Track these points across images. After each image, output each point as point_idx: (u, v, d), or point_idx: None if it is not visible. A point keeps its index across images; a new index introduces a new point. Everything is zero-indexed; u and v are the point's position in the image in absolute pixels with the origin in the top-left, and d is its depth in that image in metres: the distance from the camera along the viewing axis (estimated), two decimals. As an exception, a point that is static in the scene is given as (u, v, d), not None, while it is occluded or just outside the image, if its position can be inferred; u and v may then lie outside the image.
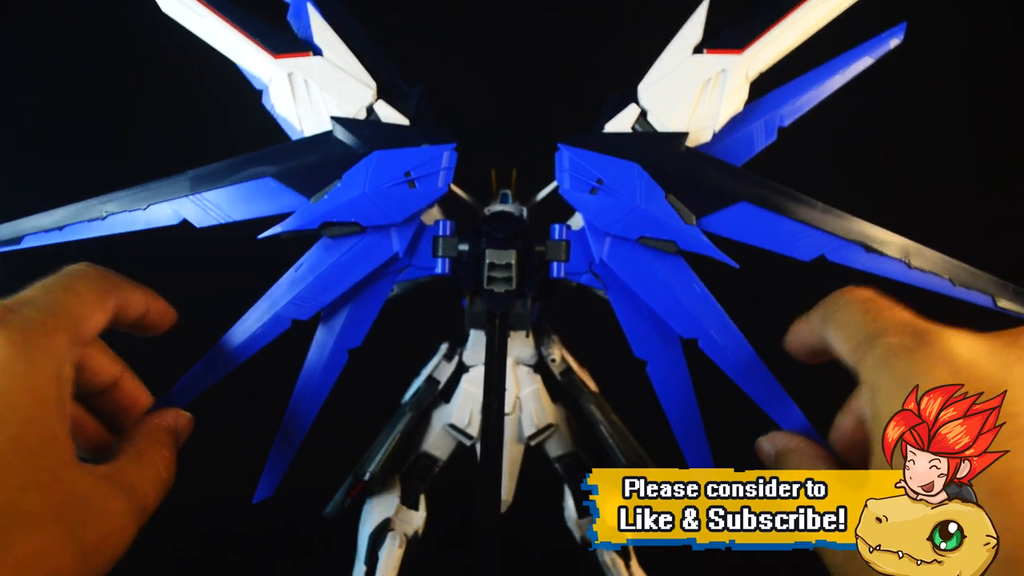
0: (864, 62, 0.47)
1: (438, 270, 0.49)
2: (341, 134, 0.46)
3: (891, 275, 0.44)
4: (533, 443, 0.54)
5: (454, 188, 0.51)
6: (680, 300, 0.46)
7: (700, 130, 0.46)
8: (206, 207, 0.45)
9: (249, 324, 0.46)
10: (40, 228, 0.46)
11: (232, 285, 0.47)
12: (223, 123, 0.68)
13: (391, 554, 0.50)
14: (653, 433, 0.49)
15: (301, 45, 0.48)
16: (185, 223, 0.45)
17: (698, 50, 0.46)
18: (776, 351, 0.46)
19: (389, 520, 0.52)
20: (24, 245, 0.46)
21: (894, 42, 0.47)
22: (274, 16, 0.50)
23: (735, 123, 0.47)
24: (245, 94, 0.51)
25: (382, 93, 0.48)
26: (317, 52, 0.48)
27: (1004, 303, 0.44)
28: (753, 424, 0.46)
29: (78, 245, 0.46)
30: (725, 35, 0.46)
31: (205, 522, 0.82)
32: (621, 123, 0.47)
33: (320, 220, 0.45)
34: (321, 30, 0.48)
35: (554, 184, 0.51)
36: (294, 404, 0.48)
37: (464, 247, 0.48)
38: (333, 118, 0.46)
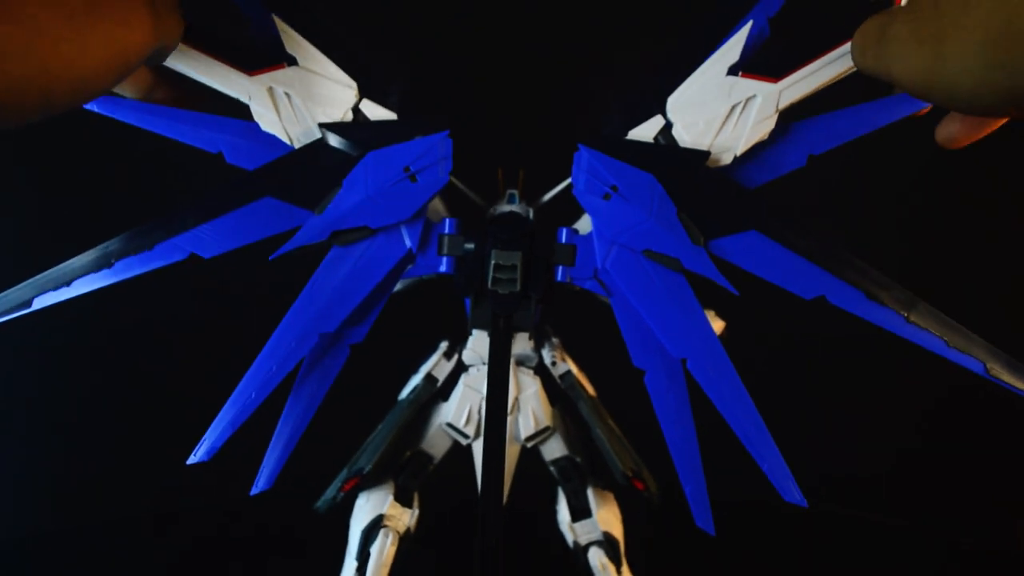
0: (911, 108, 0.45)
1: (442, 269, 0.48)
2: (333, 140, 0.46)
3: (887, 326, 0.43)
4: (530, 445, 0.54)
5: (459, 184, 0.51)
6: (675, 318, 0.46)
7: (723, 152, 0.45)
8: (211, 237, 0.45)
9: (275, 347, 0.46)
10: (47, 287, 0.45)
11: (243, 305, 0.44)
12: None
13: (383, 551, 0.50)
14: (651, 439, 0.49)
15: (274, 57, 0.46)
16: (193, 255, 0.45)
17: (733, 71, 0.45)
18: (765, 384, 0.45)
19: (382, 516, 0.52)
20: (35, 307, 0.45)
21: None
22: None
23: (766, 143, 0.45)
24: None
25: (364, 91, 0.47)
26: (292, 62, 0.46)
27: (995, 371, 0.43)
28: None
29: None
30: (762, 58, 0.45)
31: (200, 519, 0.83)
32: (644, 132, 0.46)
33: (330, 230, 0.45)
34: (291, 38, 0.46)
35: (562, 186, 0.51)
36: (294, 398, 0.48)
37: (470, 246, 0.48)
38: (321, 125, 0.46)
